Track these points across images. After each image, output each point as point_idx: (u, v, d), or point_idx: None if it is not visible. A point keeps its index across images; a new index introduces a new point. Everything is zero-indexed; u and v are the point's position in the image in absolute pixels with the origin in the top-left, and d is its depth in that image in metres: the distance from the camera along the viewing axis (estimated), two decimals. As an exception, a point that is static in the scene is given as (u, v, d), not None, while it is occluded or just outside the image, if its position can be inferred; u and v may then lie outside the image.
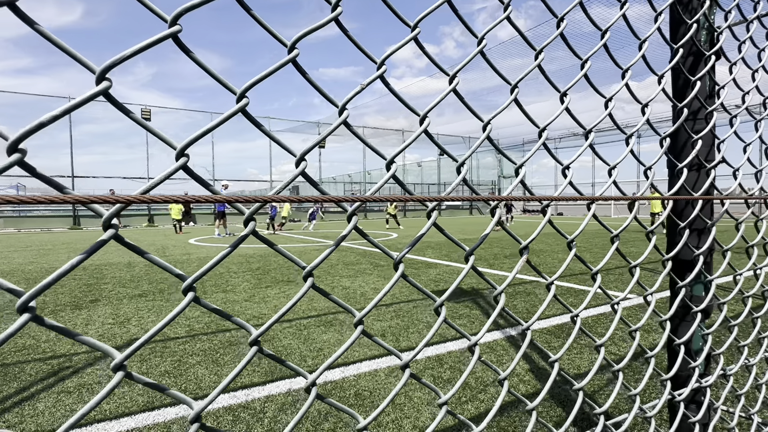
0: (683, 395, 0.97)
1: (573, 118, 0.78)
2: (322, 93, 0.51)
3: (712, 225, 1.01)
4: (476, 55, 0.63)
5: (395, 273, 0.53)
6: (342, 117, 0.51)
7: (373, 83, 0.58)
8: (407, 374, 0.54)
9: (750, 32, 1.10)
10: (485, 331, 0.59)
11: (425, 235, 2.53)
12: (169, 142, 0.41)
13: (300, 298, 0.45)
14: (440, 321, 0.57)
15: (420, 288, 0.55)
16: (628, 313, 4.56)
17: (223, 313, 0.43)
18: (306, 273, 0.46)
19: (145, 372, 3.19)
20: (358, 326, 0.51)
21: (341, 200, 0.50)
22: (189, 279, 0.41)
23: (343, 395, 2.81)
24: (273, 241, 0.45)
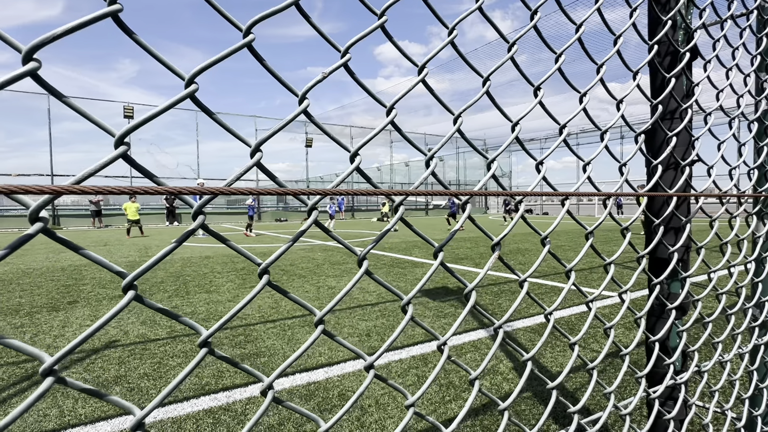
0: (658, 392, 0.97)
1: (548, 114, 0.77)
2: (281, 81, 0.48)
3: (686, 222, 1.01)
4: (446, 45, 0.61)
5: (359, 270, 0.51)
6: (302, 106, 0.49)
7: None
8: (371, 375, 0.52)
9: (723, 31, 1.11)
10: (453, 331, 0.57)
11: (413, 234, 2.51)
12: (108, 129, 0.38)
13: (254, 296, 0.43)
14: (407, 320, 0.55)
15: (386, 286, 0.53)
16: (610, 311, 4.62)
17: (170, 313, 0.40)
18: (261, 270, 0.44)
19: (123, 375, 3.11)
20: (319, 326, 0.49)
21: (301, 193, 0.47)
22: (129, 276, 0.38)
23: (327, 396, 2.78)
24: (226, 238, 0.42)
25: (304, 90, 0.48)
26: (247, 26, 0.45)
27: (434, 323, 4.28)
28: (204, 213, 0.41)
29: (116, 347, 3.71)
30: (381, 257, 9.26)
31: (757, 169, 1.24)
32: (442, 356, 0.59)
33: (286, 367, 0.46)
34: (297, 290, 5.95)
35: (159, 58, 0.39)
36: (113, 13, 0.38)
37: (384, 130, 0.66)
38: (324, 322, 0.48)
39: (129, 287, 0.38)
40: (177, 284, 6.45)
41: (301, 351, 0.47)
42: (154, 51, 0.39)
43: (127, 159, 0.38)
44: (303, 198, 0.48)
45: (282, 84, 0.49)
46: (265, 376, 0.45)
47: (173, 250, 0.38)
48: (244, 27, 0.46)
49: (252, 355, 3.49)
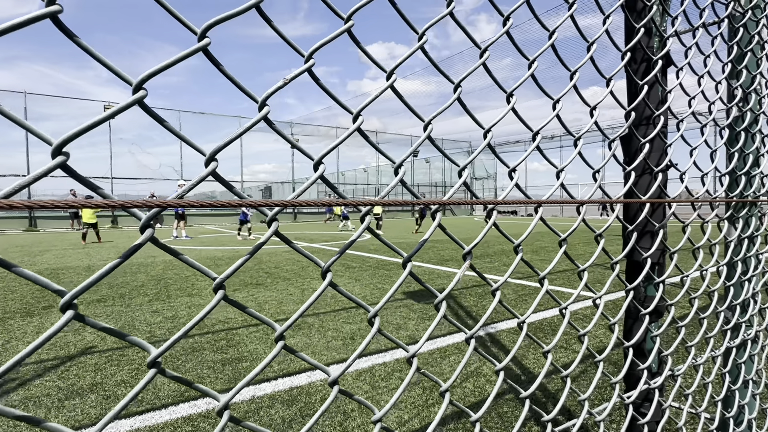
0: (633, 397, 0.98)
1: (521, 120, 0.76)
2: (239, 87, 0.46)
3: (659, 227, 1.02)
4: (417, 50, 0.60)
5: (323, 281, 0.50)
6: (262, 113, 0.47)
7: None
8: (335, 391, 0.50)
9: (695, 38, 1.12)
10: (424, 342, 0.56)
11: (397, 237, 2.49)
12: (45, 138, 0.36)
13: (208, 312, 0.41)
14: (373, 332, 0.54)
15: (352, 298, 0.52)
16: (592, 311, 4.68)
17: (115, 332, 0.38)
18: (216, 285, 0.42)
19: (99, 383, 3.02)
20: (279, 341, 0.47)
21: (261, 204, 0.45)
22: (69, 294, 0.36)
23: (309, 401, 2.75)
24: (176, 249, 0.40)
25: (264, 96, 0.47)
26: (202, 30, 0.43)
27: (418, 325, 4.28)
28: (152, 226, 0.39)
29: (93, 353, 3.61)
30: (367, 259, 9.23)
31: (728, 175, 1.26)
32: (411, 368, 0.57)
33: (243, 387, 0.44)
34: (281, 293, 5.89)
35: (103, 62, 0.37)
36: (52, 14, 0.36)
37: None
38: (284, 337, 0.46)
39: (68, 306, 0.36)
40: (158, 288, 6.32)
41: (260, 369, 0.45)
42: (97, 54, 0.37)
43: (66, 169, 0.36)
44: (263, 209, 0.46)
45: (242, 90, 0.47)
46: (221, 395, 0.43)
47: (117, 266, 0.36)
48: (198, 30, 0.44)
49: (234, 360, 3.44)
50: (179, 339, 0.40)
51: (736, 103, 1.29)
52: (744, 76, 1.34)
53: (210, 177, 0.43)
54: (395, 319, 4.49)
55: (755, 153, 1.33)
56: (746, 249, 1.32)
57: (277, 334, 0.46)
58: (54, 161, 0.35)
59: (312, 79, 0.52)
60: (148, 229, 0.39)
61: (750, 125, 1.33)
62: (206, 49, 0.44)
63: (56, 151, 0.35)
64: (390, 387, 2.91)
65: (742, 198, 1.28)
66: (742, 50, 1.34)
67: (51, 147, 0.35)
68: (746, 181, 1.31)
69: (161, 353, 0.40)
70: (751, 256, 1.34)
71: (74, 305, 0.36)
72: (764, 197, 1.40)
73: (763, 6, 1.40)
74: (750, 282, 1.33)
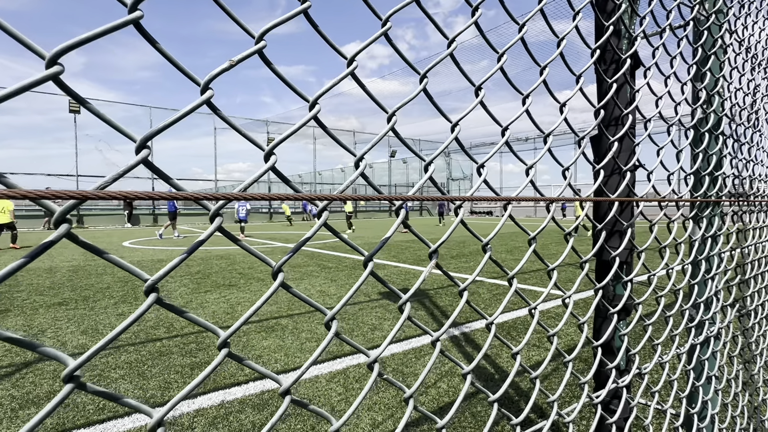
0: (601, 397, 0.98)
1: (490, 115, 0.74)
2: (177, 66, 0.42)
3: (628, 226, 1.02)
4: (380, 36, 0.57)
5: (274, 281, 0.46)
6: (204, 96, 0.43)
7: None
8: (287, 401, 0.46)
9: (662, 39, 1.14)
10: (385, 346, 0.52)
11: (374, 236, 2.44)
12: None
13: (138, 317, 0.36)
14: (330, 336, 0.50)
15: (309, 301, 0.48)
16: (563, 309, 4.76)
17: (22, 342, 0.33)
18: (147, 287, 0.37)
19: (57, 390, 2.86)
20: (222, 349, 0.43)
21: (201, 198, 0.41)
22: None
23: (281, 403, 2.68)
24: None
25: (207, 79, 0.42)
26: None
27: (394, 326, 4.25)
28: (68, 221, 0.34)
29: (51, 360, 3.43)
30: (343, 259, 9.16)
31: (693, 175, 1.29)
32: (373, 373, 0.54)
33: (181, 399, 0.40)
34: (255, 294, 5.76)
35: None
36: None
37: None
38: (228, 344, 0.42)
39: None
40: (125, 290, 6.08)
41: (202, 377, 0.41)
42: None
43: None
44: (205, 203, 0.41)
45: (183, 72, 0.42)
46: (154, 410, 0.38)
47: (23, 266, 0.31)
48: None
49: (204, 363, 3.32)
50: (100, 350, 0.35)
51: (701, 104, 1.32)
52: (708, 79, 1.37)
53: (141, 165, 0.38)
54: (370, 320, 4.45)
55: (718, 154, 1.36)
56: (710, 248, 1.35)
57: (219, 342, 0.42)
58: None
59: (263, 62, 0.47)
60: (63, 224, 0.34)
61: (714, 127, 1.36)
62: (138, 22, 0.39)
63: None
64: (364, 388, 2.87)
65: (706, 198, 1.31)
66: (706, 53, 1.37)
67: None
68: (710, 181, 1.34)
69: (79, 365, 0.35)
70: (714, 255, 1.37)
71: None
72: (726, 197, 1.44)
73: (726, 11, 1.43)
74: (713, 280, 1.36)
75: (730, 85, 1.44)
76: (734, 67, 1.50)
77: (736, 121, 1.51)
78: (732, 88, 1.48)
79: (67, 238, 0.34)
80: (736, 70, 1.51)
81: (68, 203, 0.34)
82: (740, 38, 1.53)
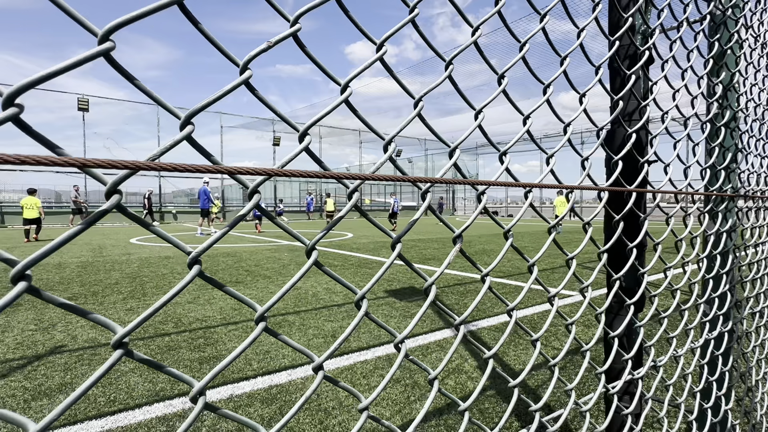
0: (617, 388, 0.98)
1: (513, 105, 0.75)
2: (219, 48, 0.43)
3: (644, 218, 1.02)
4: (408, 22, 0.57)
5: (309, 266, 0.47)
6: (243, 76, 0.44)
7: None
8: (320, 377, 0.47)
9: (679, 33, 1.14)
10: (410, 330, 0.53)
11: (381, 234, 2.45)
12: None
13: (185, 286, 0.37)
14: (360, 314, 0.51)
15: (339, 279, 0.49)
16: (570, 309, 4.75)
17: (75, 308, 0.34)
18: (190, 260, 0.38)
19: (69, 383, 2.90)
20: (260, 322, 0.44)
21: (238, 172, 0.42)
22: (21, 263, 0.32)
23: (289, 399, 2.70)
24: None
25: (246, 59, 0.43)
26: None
27: (400, 323, 4.26)
28: (119, 192, 0.35)
29: (62, 353, 3.47)
30: (349, 257, 9.18)
31: (709, 169, 1.28)
32: (399, 354, 0.55)
33: (221, 370, 0.41)
34: (261, 291, 5.79)
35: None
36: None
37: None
38: (266, 318, 0.43)
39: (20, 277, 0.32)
40: (133, 285, 6.13)
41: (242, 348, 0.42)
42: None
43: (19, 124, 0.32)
44: (243, 180, 0.42)
45: (222, 53, 0.44)
46: (195, 381, 0.40)
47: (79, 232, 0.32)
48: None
49: (212, 358, 3.35)
50: (148, 318, 0.36)
51: (717, 99, 1.32)
52: (724, 74, 1.37)
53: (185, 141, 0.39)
54: (377, 316, 4.47)
55: (734, 149, 1.35)
56: (725, 243, 1.34)
57: (257, 316, 0.43)
58: (6, 112, 0.31)
59: (297, 45, 0.48)
60: (114, 195, 0.35)
61: (729, 122, 1.36)
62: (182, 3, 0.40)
63: (7, 102, 0.31)
64: (371, 384, 2.88)
65: (721, 192, 1.31)
66: (723, 48, 1.36)
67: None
68: (725, 176, 1.33)
69: (128, 332, 0.36)
70: (729, 250, 1.36)
71: (28, 276, 0.32)
72: (741, 192, 1.43)
73: (742, 6, 1.43)
74: (727, 276, 1.35)
75: (745, 80, 1.44)
76: (750, 63, 1.50)
77: (751, 116, 1.50)
78: (747, 83, 1.47)
79: (117, 209, 0.35)
80: (751, 65, 1.51)
81: (121, 173, 0.35)
82: (756, 33, 1.52)
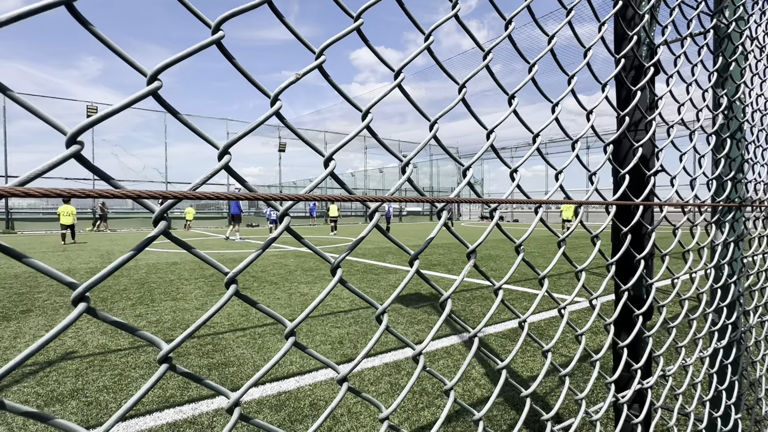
0: (626, 397, 1.00)
1: (522, 123, 0.78)
2: (252, 81, 0.46)
3: (652, 230, 1.04)
4: (422, 51, 0.61)
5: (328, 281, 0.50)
6: (274, 107, 0.47)
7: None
8: (344, 388, 0.50)
9: (684, 48, 1.16)
10: (428, 341, 0.56)
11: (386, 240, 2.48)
12: (60, 127, 0.35)
13: (221, 307, 0.40)
14: (382, 329, 0.54)
15: (360, 294, 0.51)
16: (578, 316, 4.74)
17: (126, 326, 0.37)
18: (228, 280, 0.41)
19: (81, 388, 2.94)
20: (289, 337, 0.47)
21: (272, 198, 0.45)
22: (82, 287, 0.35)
23: (298, 406, 2.72)
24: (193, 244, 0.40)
25: (277, 91, 0.46)
26: (216, 23, 0.43)
27: (407, 330, 4.28)
28: (167, 218, 0.38)
29: (74, 359, 3.52)
30: (354, 263, 9.20)
31: (715, 180, 1.30)
32: (418, 366, 0.57)
33: (254, 383, 0.44)
34: (268, 297, 5.82)
35: (119, 52, 0.37)
36: (67, 1, 0.35)
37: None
38: (295, 333, 0.46)
39: (80, 299, 0.35)
40: (141, 291, 6.19)
41: (272, 363, 0.45)
42: (113, 44, 0.37)
43: (81, 159, 0.35)
44: (275, 204, 0.46)
45: (254, 84, 0.47)
46: (231, 392, 0.42)
47: (131, 258, 0.36)
48: (213, 23, 0.43)
49: (220, 365, 3.38)
50: (191, 334, 0.39)
51: (722, 111, 1.34)
52: (729, 85, 1.39)
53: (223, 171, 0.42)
54: (384, 324, 4.48)
55: (740, 159, 1.37)
56: (732, 252, 1.36)
57: (287, 331, 0.46)
58: (69, 150, 0.34)
59: (322, 76, 0.52)
60: (162, 222, 0.38)
61: (735, 132, 1.38)
62: (220, 42, 0.43)
63: (71, 140, 0.35)
64: (379, 391, 2.89)
65: (728, 202, 1.32)
66: (727, 60, 1.39)
67: (66, 136, 0.34)
68: (732, 186, 1.35)
69: (173, 348, 0.39)
70: (736, 260, 1.38)
71: (87, 298, 0.35)
72: (748, 202, 1.45)
73: (747, 18, 1.45)
74: (736, 285, 1.36)
75: (751, 91, 1.46)
76: (755, 74, 1.52)
77: (757, 126, 1.52)
78: (753, 94, 1.49)
79: (164, 234, 0.39)
80: (757, 76, 1.53)
81: (167, 203, 0.38)
82: (761, 45, 1.54)
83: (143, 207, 0.41)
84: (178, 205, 32.66)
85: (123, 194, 0.37)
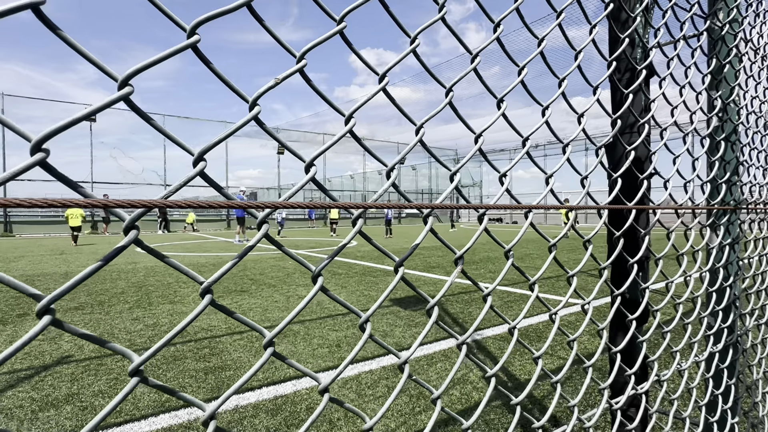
0: (620, 402, 0.98)
1: (511, 126, 0.77)
2: (229, 85, 0.45)
3: (645, 234, 1.03)
4: (409, 54, 0.60)
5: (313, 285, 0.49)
6: (252, 113, 0.46)
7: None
8: (325, 399, 0.49)
9: (677, 50, 1.15)
10: (413, 350, 0.55)
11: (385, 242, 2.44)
12: (24, 134, 0.34)
13: (195, 318, 0.39)
14: (365, 338, 0.53)
15: (342, 303, 0.50)
16: (576, 318, 4.72)
17: (94, 338, 0.36)
18: (203, 290, 0.40)
19: (76, 393, 2.92)
20: (268, 348, 0.45)
21: (248, 206, 0.44)
22: (46, 299, 0.34)
23: (294, 410, 2.70)
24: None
25: (255, 96, 0.46)
26: (191, 26, 0.42)
27: (405, 332, 4.26)
28: (137, 227, 0.37)
29: (69, 363, 3.49)
30: (353, 266, 9.19)
31: (710, 183, 1.29)
32: (403, 375, 0.56)
33: (232, 394, 0.42)
34: (266, 300, 5.80)
35: (89, 58, 0.36)
36: (34, 5, 0.34)
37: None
38: (274, 343, 0.45)
39: (45, 312, 0.34)
40: (139, 295, 6.17)
41: (249, 375, 0.44)
42: (83, 49, 0.36)
43: (46, 167, 0.34)
44: (253, 211, 0.45)
45: (231, 89, 0.46)
46: (207, 404, 0.41)
47: (98, 269, 0.35)
48: (188, 27, 0.42)
49: (217, 368, 3.36)
50: (163, 346, 0.38)
51: (716, 113, 1.33)
52: (723, 88, 1.38)
53: (198, 177, 0.41)
54: (382, 326, 4.46)
55: (735, 162, 1.36)
56: (727, 256, 1.35)
57: (266, 341, 0.45)
58: (33, 158, 0.33)
59: (304, 80, 0.51)
60: (132, 231, 0.37)
61: (729, 135, 1.37)
62: (195, 46, 0.43)
63: (35, 147, 0.34)
64: (377, 395, 2.88)
65: (723, 205, 1.32)
66: (721, 62, 1.38)
67: (30, 144, 0.33)
68: (727, 189, 1.34)
69: (144, 361, 0.38)
70: (732, 263, 1.37)
71: (52, 310, 0.34)
72: (743, 205, 1.44)
73: (741, 20, 1.45)
74: (731, 288, 1.36)
75: (746, 93, 1.45)
76: (750, 76, 1.51)
77: (752, 129, 1.51)
78: (748, 96, 1.48)
79: (134, 243, 0.38)
80: (752, 78, 1.52)
81: (136, 212, 0.37)
82: (756, 47, 1.54)
83: (119, 218, 0.40)
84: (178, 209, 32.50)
85: (90, 203, 0.36)
